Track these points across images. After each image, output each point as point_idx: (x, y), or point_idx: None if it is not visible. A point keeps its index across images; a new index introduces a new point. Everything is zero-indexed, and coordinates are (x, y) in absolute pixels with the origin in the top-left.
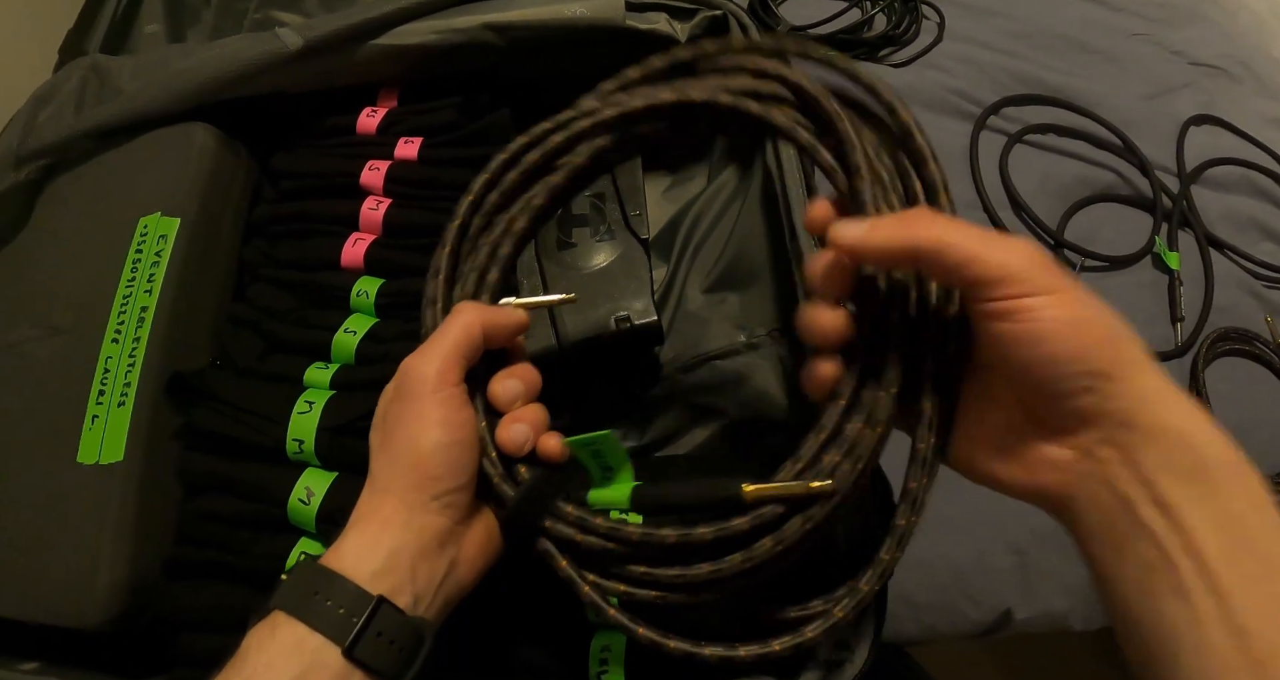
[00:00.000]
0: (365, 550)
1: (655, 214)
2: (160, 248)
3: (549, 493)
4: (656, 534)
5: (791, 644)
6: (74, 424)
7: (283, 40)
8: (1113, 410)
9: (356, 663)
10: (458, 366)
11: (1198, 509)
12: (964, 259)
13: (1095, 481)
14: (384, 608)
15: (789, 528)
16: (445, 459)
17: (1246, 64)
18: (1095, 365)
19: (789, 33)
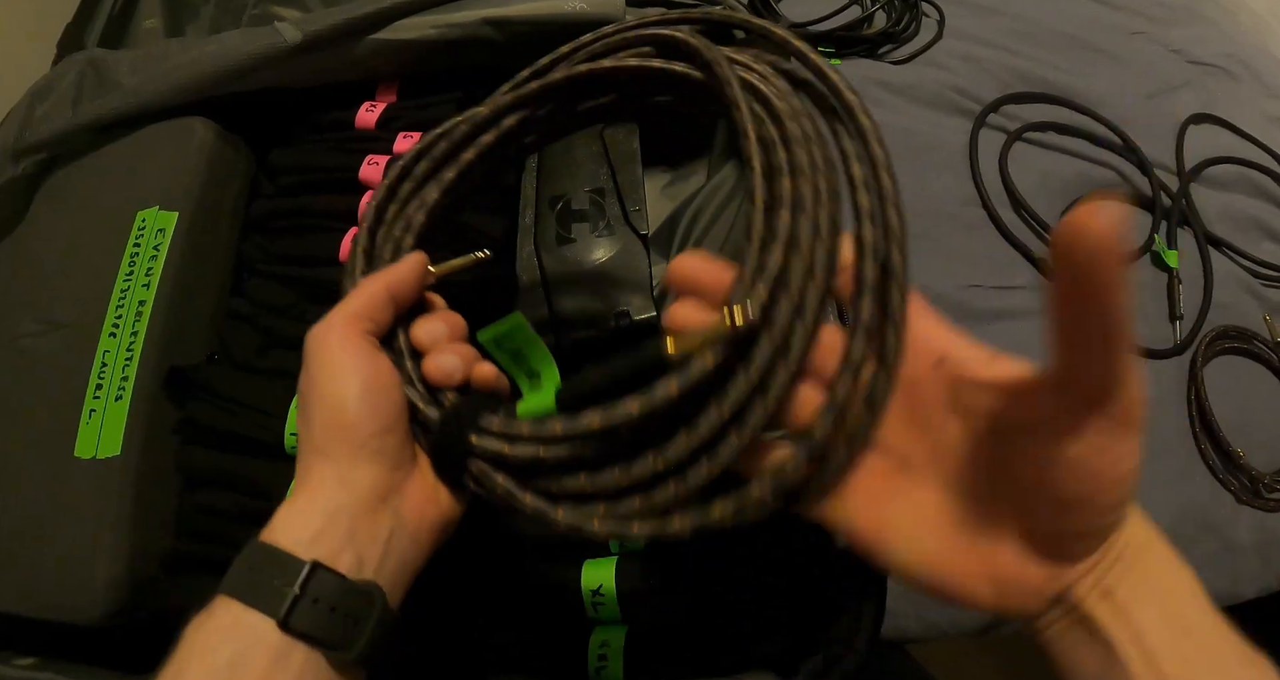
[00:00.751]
0: (297, 517)
1: (655, 209)
2: (158, 242)
3: (473, 411)
4: (580, 422)
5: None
6: (71, 418)
7: (281, 35)
8: (1124, 536)
9: (296, 635)
10: (360, 323)
11: (1141, 603)
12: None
13: (1075, 621)
14: (319, 573)
15: (733, 387)
16: (363, 405)
17: (1247, 63)
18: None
19: (789, 28)
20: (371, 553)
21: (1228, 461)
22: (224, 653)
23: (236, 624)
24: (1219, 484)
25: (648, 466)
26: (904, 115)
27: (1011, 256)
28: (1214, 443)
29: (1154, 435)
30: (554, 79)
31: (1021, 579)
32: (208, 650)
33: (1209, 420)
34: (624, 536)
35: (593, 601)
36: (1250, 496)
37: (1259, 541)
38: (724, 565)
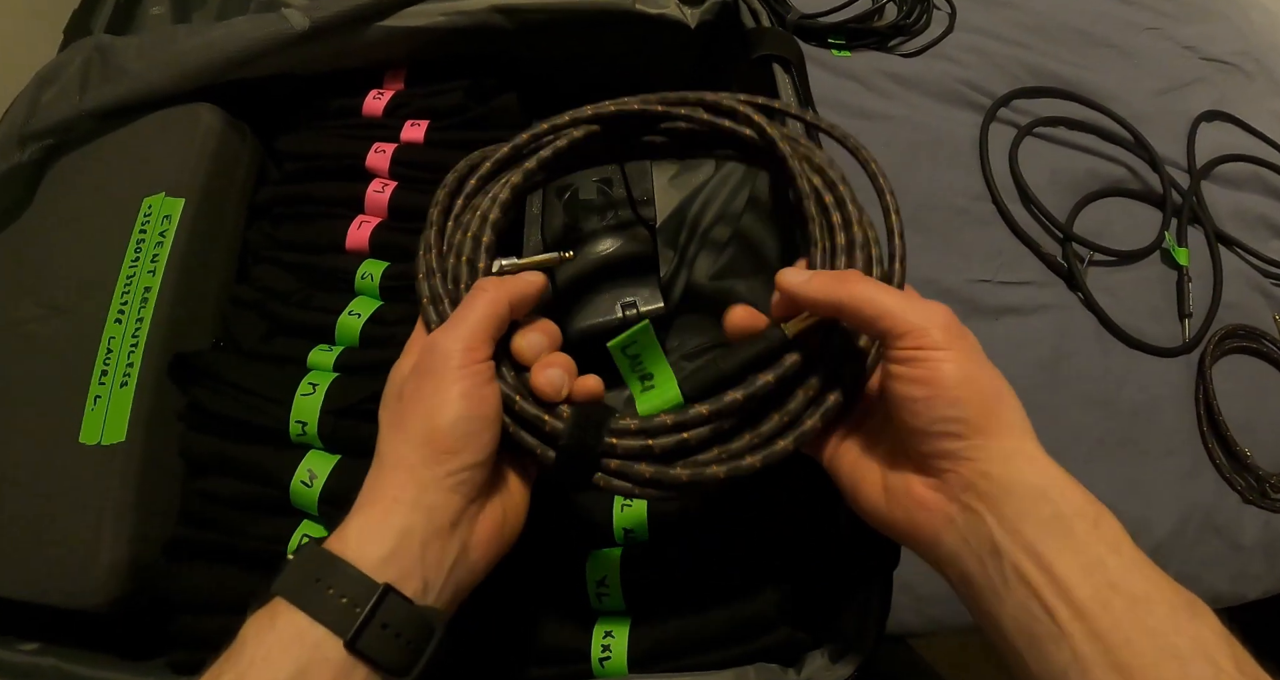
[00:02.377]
0: (371, 532)
1: (663, 201)
2: (164, 228)
3: (600, 417)
4: (724, 401)
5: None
6: (76, 404)
7: (289, 21)
8: (975, 458)
9: (360, 656)
10: (485, 344)
11: (1063, 556)
12: (878, 314)
13: (961, 524)
14: (390, 597)
15: (833, 341)
16: (464, 433)
17: (1259, 61)
18: (967, 415)
19: (799, 20)
20: (436, 578)
21: (1235, 461)
22: (286, 666)
23: (300, 638)
24: (1225, 483)
25: (744, 442)
26: (914, 108)
27: (1020, 252)
28: (1221, 442)
29: (1161, 433)
30: (631, 107)
31: (919, 498)
32: (269, 661)
33: (1216, 419)
34: (735, 471)
35: (597, 592)
36: (1257, 497)
37: (1265, 542)
38: (727, 557)
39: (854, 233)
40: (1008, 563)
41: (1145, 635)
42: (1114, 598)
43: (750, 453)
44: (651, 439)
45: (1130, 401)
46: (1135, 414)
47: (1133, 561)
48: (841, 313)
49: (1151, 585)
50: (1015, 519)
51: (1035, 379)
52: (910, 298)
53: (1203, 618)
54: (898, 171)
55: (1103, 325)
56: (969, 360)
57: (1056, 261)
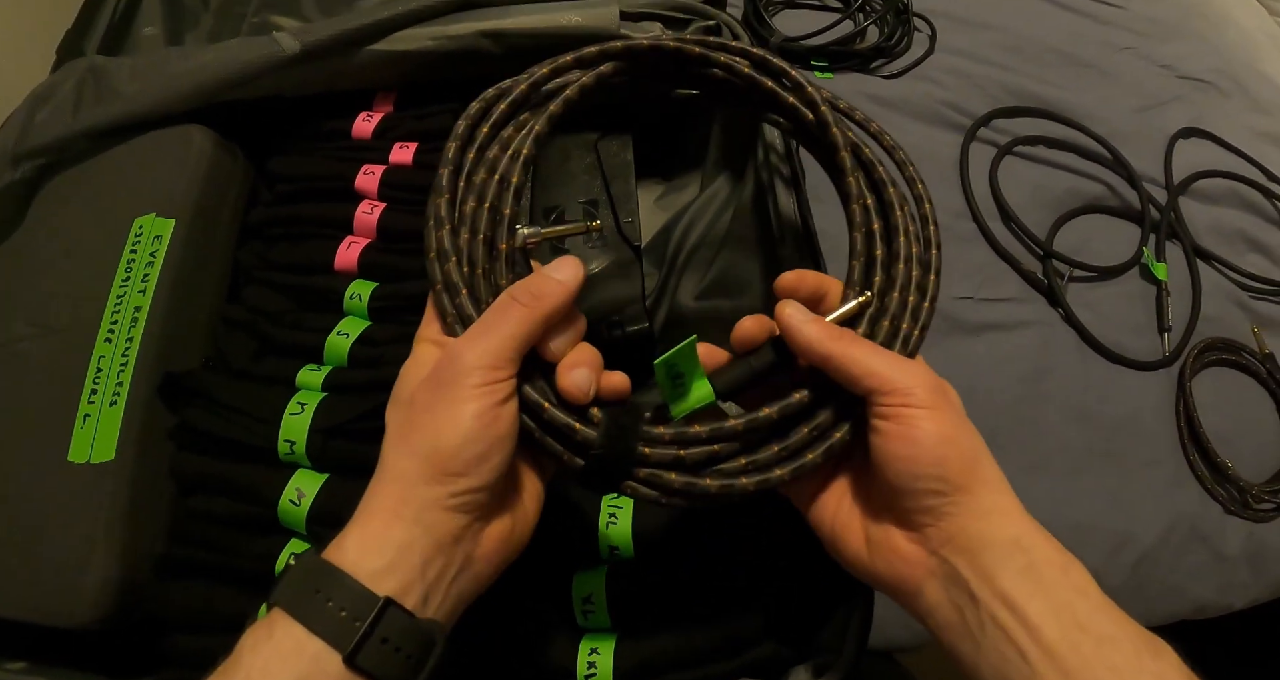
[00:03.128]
0: (371, 544)
1: (648, 221)
2: (155, 248)
3: (632, 424)
4: (758, 417)
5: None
6: (66, 423)
7: (280, 44)
8: (955, 514)
9: (358, 671)
10: (512, 362)
11: (1034, 601)
12: (864, 373)
13: (943, 577)
14: (390, 611)
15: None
16: (472, 456)
17: (1235, 78)
18: (949, 474)
19: (782, 43)
20: (438, 590)
21: (1216, 472)
22: (285, 678)
23: (299, 651)
24: (1208, 495)
25: (772, 454)
26: (896, 129)
27: (1001, 269)
28: (1203, 454)
29: (1143, 446)
30: (666, 43)
31: (900, 551)
32: (267, 673)
33: (1198, 431)
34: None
35: (583, 609)
36: (1239, 507)
37: (1249, 552)
38: (712, 574)
39: (897, 245)
40: (984, 610)
41: (1111, 673)
42: (1082, 638)
43: (779, 465)
44: (683, 449)
45: (1112, 415)
46: (1117, 427)
47: (1099, 605)
48: (827, 366)
49: (1116, 626)
50: (990, 569)
51: (1017, 394)
52: (894, 358)
53: (1164, 656)
54: None
55: (1083, 340)
56: (950, 420)
57: (1037, 278)
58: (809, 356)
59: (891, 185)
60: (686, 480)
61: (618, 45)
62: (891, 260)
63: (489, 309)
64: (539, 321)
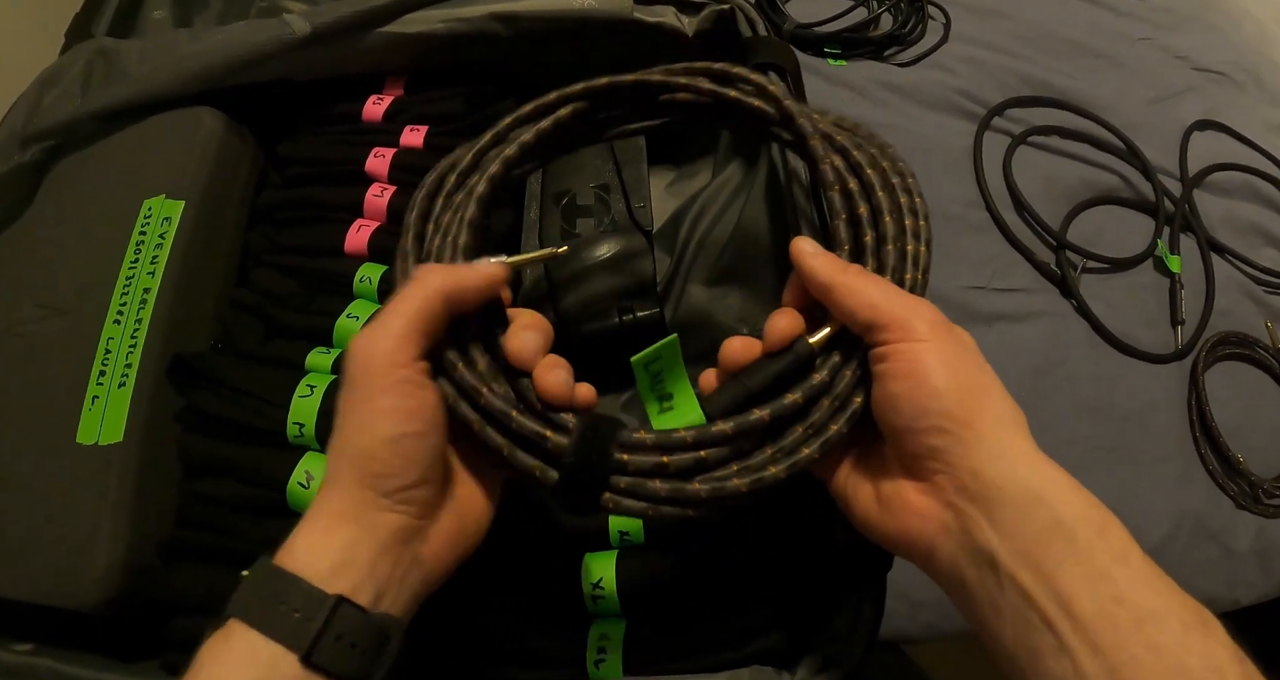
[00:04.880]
0: (318, 546)
1: (659, 207)
2: (164, 230)
3: (609, 431)
4: (749, 419)
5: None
6: (74, 404)
7: (290, 26)
8: (965, 457)
9: (316, 670)
10: (413, 343)
11: (1065, 568)
12: (862, 305)
13: (958, 533)
14: (343, 608)
15: (841, 386)
16: (395, 453)
17: (1250, 70)
18: (952, 407)
19: (796, 29)
20: (389, 588)
21: (1227, 467)
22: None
23: (255, 656)
24: (1218, 489)
25: (766, 457)
26: (909, 117)
27: (1013, 259)
28: (1214, 448)
29: (1154, 439)
30: (624, 79)
31: (912, 504)
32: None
33: (1209, 425)
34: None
35: (592, 594)
36: (1249, 502)
37: (1258, 548)
38: (723, 561)
39: (884, 226)
40: (1004, 573)
41: (1152, 653)
42: (1120, 613)
43: (772, 464)
44: (667, 455)
45: (1123, 408)
46: (1128, 420)
47: (1141, 574)
48: (829, 297)
49: (1161, 600)
50: (1010, 525)
51: (1028, 385)
52: (896, 292)
53: (1214, 635)
54: None
55: (1095, 332)
56: (952, 351)
57: (1050, 269)
58: (813, 288)
59: (869, 167)
60: (673, 486)
61: (577, 88)
62: (880, 243)
63: (390, 296)
64: (437, 296)
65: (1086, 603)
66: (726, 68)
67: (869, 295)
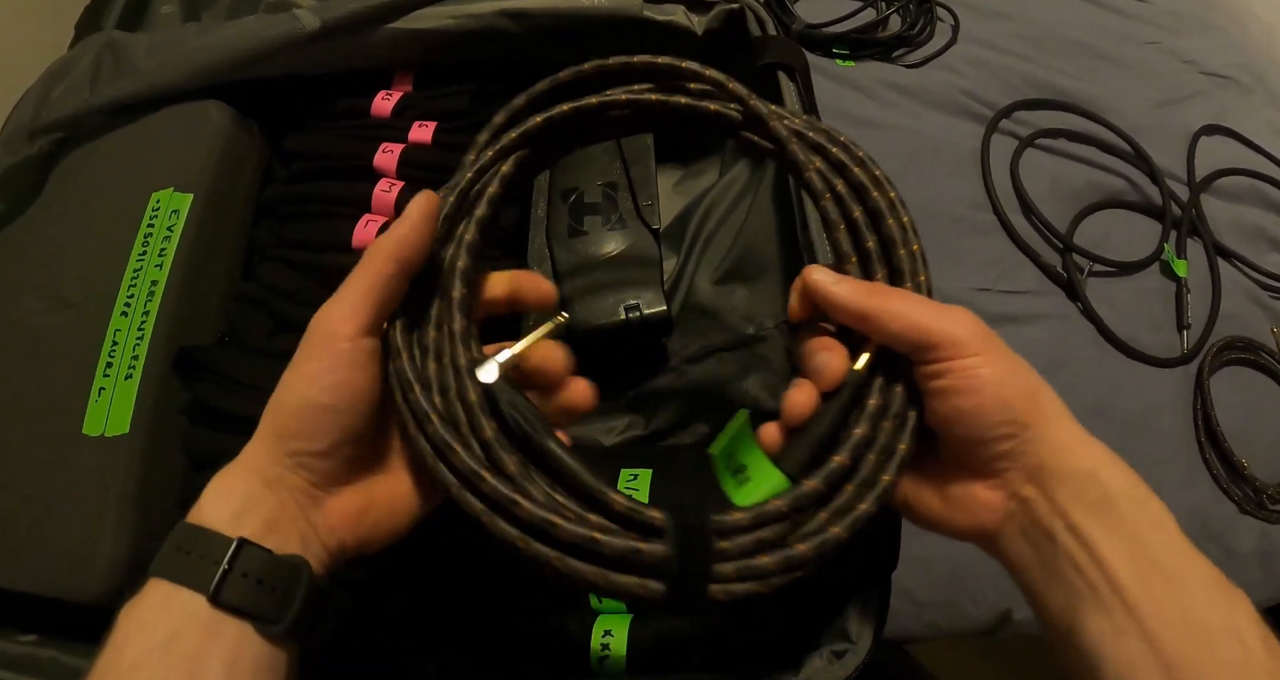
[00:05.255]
0: (222, 497)
1: (667, 206)
2: (172, 223)
3: (702, 521)
4: (832, 468)
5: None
6: (81, 396)
7: (300, 21)
8: (1030, 454)
9: (226, 608)
10: (362, 315)
11: (1106, 536)
12: (907, 327)
13: (1021, 517)
14: (246, 548)
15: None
16: (305, 419)
17: (1257, 74)
18: (1015, 415)
19: (804, 29)
20: (288, 544)
21: (1231, 471)
22: (159, 631)
23: (168, 602)
24: (1222, 493)
25: (849, 494)
26: (916, 118)
27: (1020, 261)
28: (1218, 452)
29: (1157, 443)
30: (562, 110)
31: (980, 500)
32: (143, 629)
33: (1214, 429)
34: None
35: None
36: (1253, 507)
37: (1261, 552)
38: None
39: (888, 228)
40: (1058, 545)
41: (1178, 612)
42: (1153, 575)
43: (859, 501)
44: (766, 530)
45: (1127, 411)
46: (1132, 423)
47: (1175, 542)
48: (867, 324)
49: (1192, 567)
50: (1066, 503)
51: None
52: (937, 306)
53: (1238, 603)
54: (899, 180)
55: (1101, 335)
56: (1004, 360)
57: (1056, 271)
58: (844, 317)
59: (857, 166)
60: (780, 558)
61: (512, 135)
62: (888, 247)
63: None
64: (389, 264)
65: (1123, 565)
66: (673, 64)
67: (910, 317)
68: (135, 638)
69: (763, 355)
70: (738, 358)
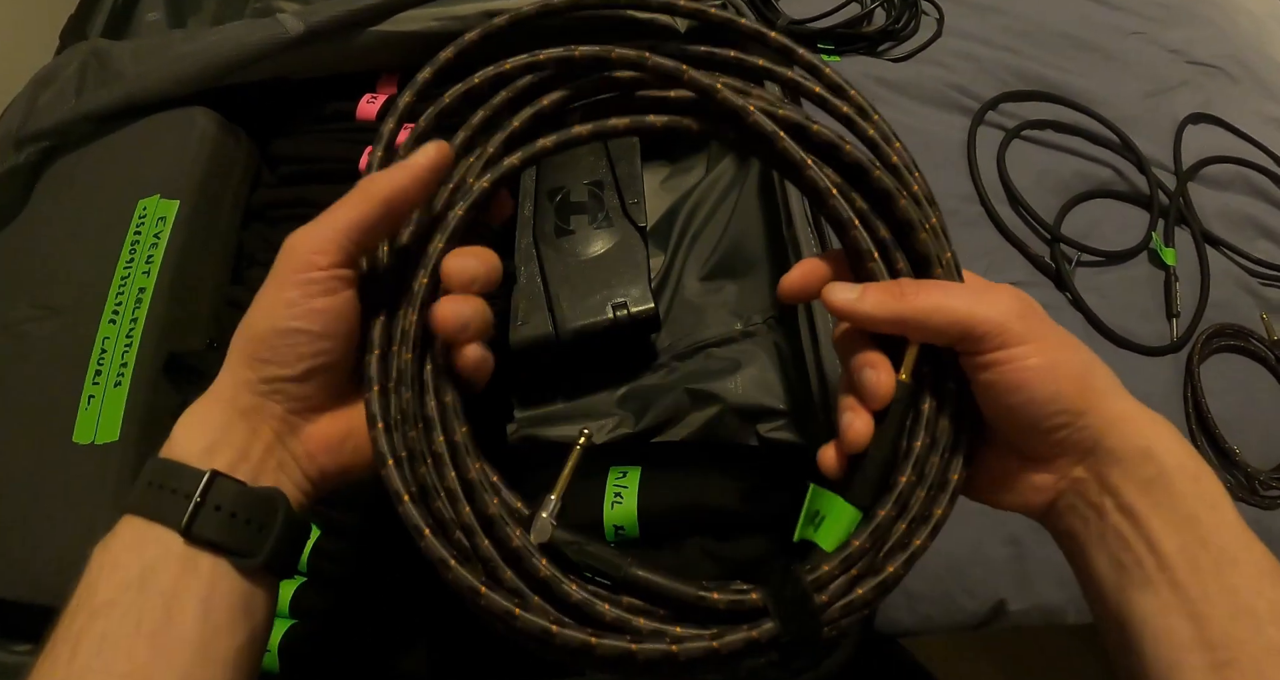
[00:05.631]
0: (195, 428)
1: (653, 203)
2: (159, 230)
3: (797, 584)
4: (901, 490)
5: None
6: (70, 403)
7: (284, 25)
8: (1084, 439)
9: (200, 542)
10: (340, 248)
11: (1157, 514)
12: (949, 322)
13: (1072, 495)
14: (219, 481)
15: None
16: (283, 344)
17: (1244, 64)
18: (1068, 404)
19: (789, 25)
20: (265, 475)
21: (1224, 458)
22: (133, 567)
23: (141, 539)
24: None
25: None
26: (903, 112)
27: (1008, 253)
28: (1210, 439)
29: None
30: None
31: (1031, 482)
32: (117, 566)
33: (1205, 417)
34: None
35: None
36: (1246, 494)
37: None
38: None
39: (903, 210)
40: (1107, 521)
41: (1225, 592)
42: (1201, 554)
43: (934, 504)
44: (854, 568)
45: None
46: None
47: (1228, 522)
48: (906, 328)
49: (1241, 546)
50: (1119, 480)
51: None
52: (974, 291)
53: None
54: None
55: (1091, 325)
56: (1051, 347)
57: (1044, 262)
58: (879, 328)
59: (846, 143)
60: (874, 585)
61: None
62: (905, 230)
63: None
64: (373, 201)
65: (1172, 543)
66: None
67: (947, 309)
68: (108, 574)
69: (751, 350)
70: (726, 353)
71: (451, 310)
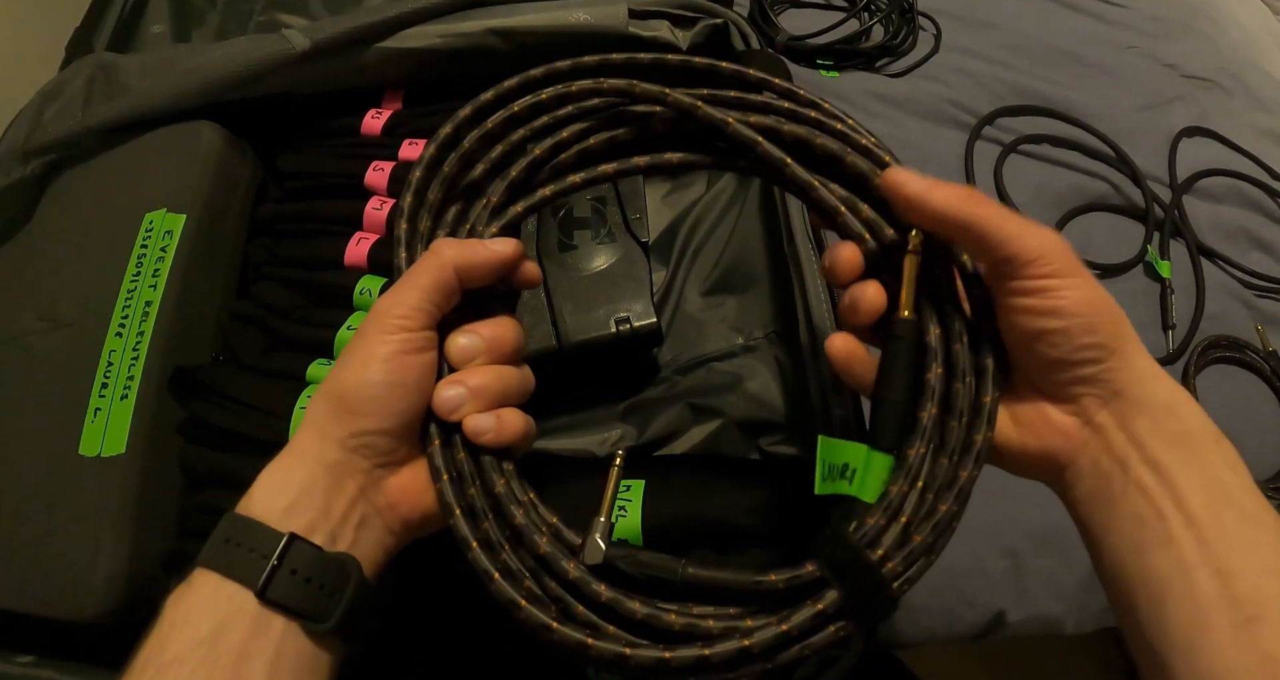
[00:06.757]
0: (275, 487)
1: (655, 218)
2: (165, 243)
3: (850, 547)
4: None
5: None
6: (76, 416)
7: (290, 41)
8: (1111, 380)
9: (273, 605)
10: (425, 312)
11: (1185, 469)
12: (1004, 238)
13: (1095, 446)
14: (296, 544)
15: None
16: (373, 396)
17: (1238, 77)
18: (1102, 339)
19: (788, 42)
20: (344, 533)
21: None
22: (205, 624)
23: (216, 595)
24: None
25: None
26: (900, 127)
27: None
28: None
29: None
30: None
31: (1054, 423)
32: (189, 622)
33: None
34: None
35: None
36: None
37: None
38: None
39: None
40: (1131, 476)
41: (1250, 548)
42: (1227, 511)
43: (973, 431)
44: (902, 515)
45: None
46: None
47: (1246, 483)
48: (964, 232)
49: (1261, 508)
50: (1144, 434)
51: None
52: (1026, 221)
53: None
54: None
55: None
56: (1093, 286)
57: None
58: (940, 225)
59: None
60: (929, 530)
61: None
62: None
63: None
64: (449, 267)
65: (1199, 500)
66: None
67: (1007, 229)
68: (181, 629)
69: (752, 365)
70: (728, 368)
71: (473, 428)
